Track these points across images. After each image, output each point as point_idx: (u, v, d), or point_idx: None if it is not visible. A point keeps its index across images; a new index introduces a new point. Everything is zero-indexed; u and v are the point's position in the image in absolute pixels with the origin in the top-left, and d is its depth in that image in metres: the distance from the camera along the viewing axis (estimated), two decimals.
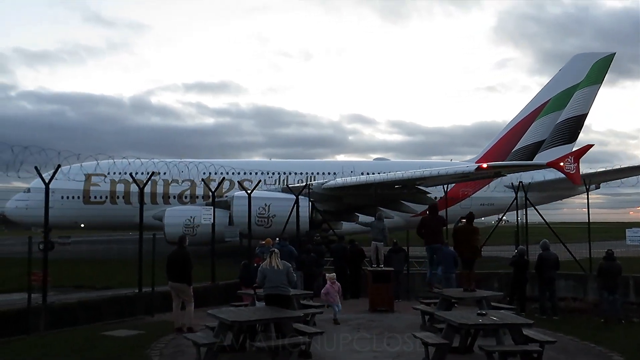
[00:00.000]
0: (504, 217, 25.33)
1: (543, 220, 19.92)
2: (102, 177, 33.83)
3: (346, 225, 31.37)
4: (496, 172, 28.12)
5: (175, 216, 29.31)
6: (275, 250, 10.95)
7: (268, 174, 35.25)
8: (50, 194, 13.37)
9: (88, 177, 33.71)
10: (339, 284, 13.66)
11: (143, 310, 14.53)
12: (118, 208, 33.95)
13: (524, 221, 19.59)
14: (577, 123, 37.86)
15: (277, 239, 19.23)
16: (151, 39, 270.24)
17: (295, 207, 20.39)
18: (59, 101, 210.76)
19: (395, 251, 17.94)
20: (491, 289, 15.49)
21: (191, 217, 27.44)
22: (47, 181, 13.35)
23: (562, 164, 23.20)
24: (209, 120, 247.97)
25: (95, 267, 23.81)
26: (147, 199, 33.74)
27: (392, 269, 16.66)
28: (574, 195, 36.80)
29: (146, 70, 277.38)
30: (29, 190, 33.07)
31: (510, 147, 38.09)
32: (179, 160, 32.40)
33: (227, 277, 17.40)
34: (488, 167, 25.42)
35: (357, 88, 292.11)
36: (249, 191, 19.82)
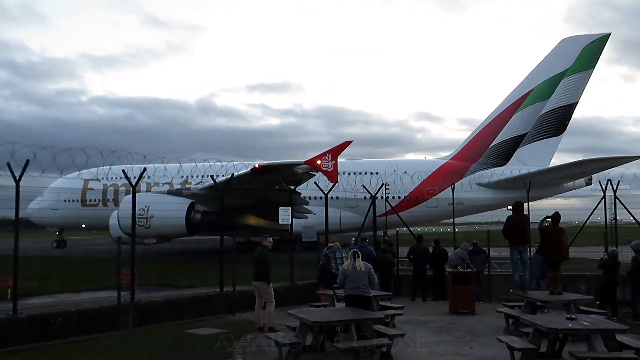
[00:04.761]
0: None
1: (634, 220, 18.81)
2: (97, 182, 35.83)
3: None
4: (306, 171, 25.83)
5: (120, 217, 29.95)
6: (358, 251, 10.92)
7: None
8: (56, 196, 13.92)
9: (85, 182, 36.11)
10: None
11: (224, 309, 14.86)
12: (110, 210, 34.86)
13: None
14: (565, 113, 34.12)
15: (353, 239, 19.16)
16: (208, 40, 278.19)
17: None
18: (127, 105, 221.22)
19: (475, 252, 17.52)
20: (578, 292, 14.85)
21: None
22: (133, 184, 13.93)
23: (319, 161, 22.29)
24: (274, 122, 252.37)
25: (177, 267, 24.50)
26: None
27: (473, 270, 16.30)
28: (547, 197, 33.23)
29: (207, 72, 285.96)
30: (43, 194, 35.51)
31: (488, 143, 35.12)
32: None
33: (303, 277, 17.53)
34: (260, 167, 24.28)
35: (422, 85, 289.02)
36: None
